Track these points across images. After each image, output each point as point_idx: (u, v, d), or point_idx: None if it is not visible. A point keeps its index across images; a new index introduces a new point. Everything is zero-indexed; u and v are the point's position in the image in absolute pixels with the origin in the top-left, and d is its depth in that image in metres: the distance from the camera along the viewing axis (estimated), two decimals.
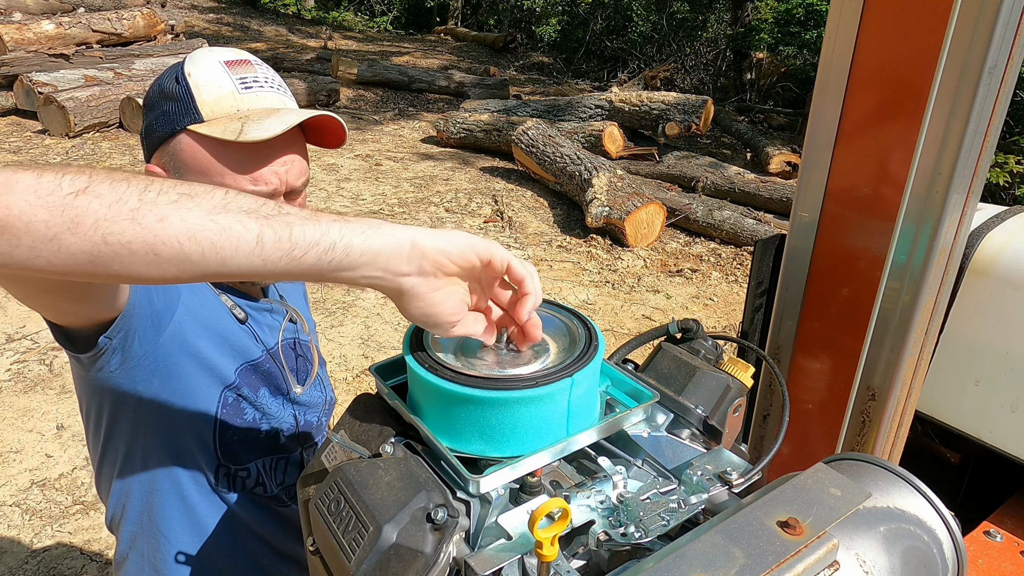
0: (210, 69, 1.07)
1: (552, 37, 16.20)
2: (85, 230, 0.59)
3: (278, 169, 1.07)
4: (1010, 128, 7.19)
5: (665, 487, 0.77)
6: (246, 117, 1.04)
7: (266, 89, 1.10)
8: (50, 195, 0.58)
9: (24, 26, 7.79)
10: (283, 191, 1.10)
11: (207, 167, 1.05)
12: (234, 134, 1.01)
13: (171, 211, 0.60)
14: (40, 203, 0.58)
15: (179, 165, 1.07)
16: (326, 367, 1.47)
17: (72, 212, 0.58)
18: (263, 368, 1.21)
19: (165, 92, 1.07)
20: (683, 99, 7.49)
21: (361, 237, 0.67)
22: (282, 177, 1.08)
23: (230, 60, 1.09)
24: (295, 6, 16.44)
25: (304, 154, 1.14)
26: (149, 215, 0.60)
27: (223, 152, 1.04)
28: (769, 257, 1.49)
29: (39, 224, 0.58)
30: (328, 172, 6.84)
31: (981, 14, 1.05)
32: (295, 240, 0.63)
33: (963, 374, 1.47)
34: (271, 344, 1.25)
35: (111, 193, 0.60)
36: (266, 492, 1.25)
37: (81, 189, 0.59)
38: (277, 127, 1.01)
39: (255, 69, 1.10)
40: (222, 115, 1.05)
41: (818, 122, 1.30)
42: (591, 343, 0.79)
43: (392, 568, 0.65)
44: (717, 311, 4.85)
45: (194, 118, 1.04)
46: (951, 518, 0.77)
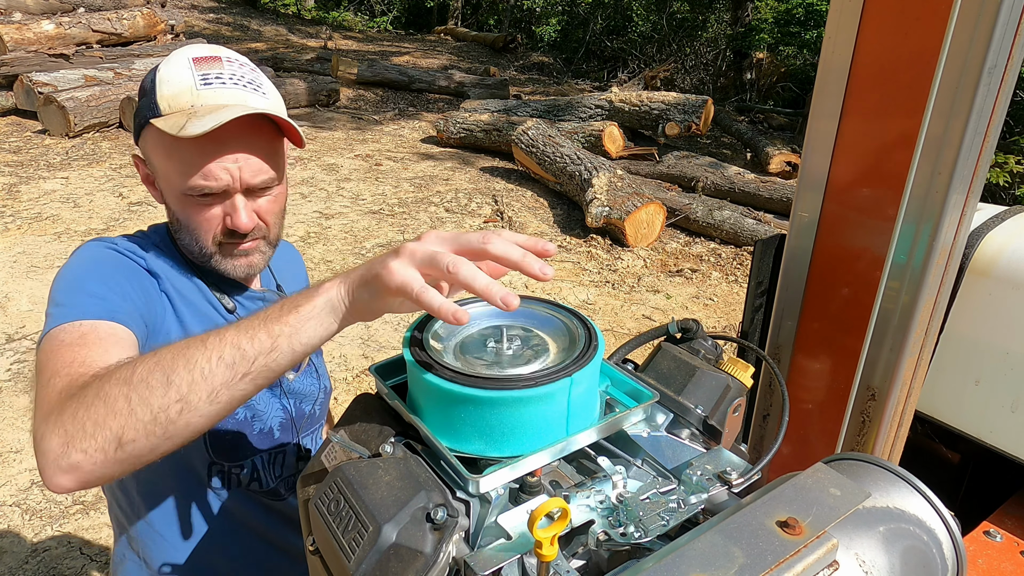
0: (177, 65, 1.08)
1: (552, 37, 16.20)
2: (148, 457, 0.79)
3: (228, 166, 1.07)
4: (1010, 128, 7.19)
5: (665, 487, 0.77)
6: (193, 113, 1.04)
7: (228, 86, 1.08)
8: (105, 459, 0.76)
9: (24, 26, 7.79)
10: (238, 188, 1.09)
11: (165, 162, 1.08)
12: (176, 129, 1.01)
13: (188, 418, 0.76)
14: (106, 464, 0.77)
15: (149, 156, 1.12)
16: (322, 356, 1.48)
17: (130, 460, 0.78)
18: None
19: (143, 85, 1.10)
20: (683, 99, 7.49)
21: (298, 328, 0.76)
22: (233, 174, 1.07)
23: (200, 56, 1.10)
24: (295, 6, 16.44)
25: (267, 152, 1.11)
26: (178, 430, 0.77)
27: (174, 147, 1.06)
28: (769, 257, 1.49)
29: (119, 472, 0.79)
30: (328, 172, 6.84)
31: (981, 14, 1.05)
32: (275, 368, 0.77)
33: (963, 374, 1.47)
34: None
35: (137, 434, 0.76)
36: (262, 487, 1.24)
37: (117, 444, 0.75)
38: (210, 123, 1.01)
39: (223, 66, 1.10)
40: (177, 110, 1.05)
41: (818, 122, 1.30)
42: (591, 343, 0.79)
43: (392, 568, 0.65)
44: (717, 311, 4.85)
45: (154, 112, 1.06)
46: (951, 518, 0.77)
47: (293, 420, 1.29)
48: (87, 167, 6.41)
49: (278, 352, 0.75)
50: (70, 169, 6.35)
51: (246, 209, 1.11)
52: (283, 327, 0.75)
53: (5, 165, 6.31)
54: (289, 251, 1.49)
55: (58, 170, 6.32)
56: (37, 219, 5.41)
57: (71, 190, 5.94)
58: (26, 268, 4.69)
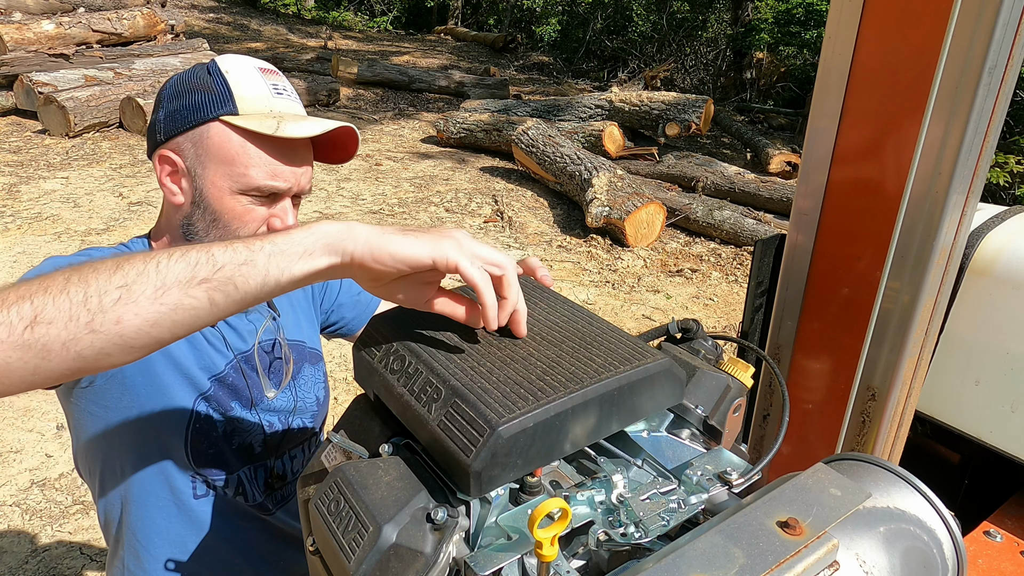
0: (246, 70, 1.13)
1: (552, 37, 16.20)
2: (57, 354, 0.64)
3: (296, 171, 1.13)
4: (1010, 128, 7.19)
5: (665, 487, 0.77)
6: (280, 117, 1.10)
7: (292, 99, 1.16)
8: (8, 338, 0.63)
9: (24, 26, 7.78)
10: (294, 191, 1.15)
11: (234, 156, 1.10)
12: (271, 129, 1.07)
13: (122, 311, 0.65)
14: (3, 348, 0.63)
15: (203, 152, 1.11)
16: (323, 364, 1.44)
17: (37, 346, 0.63)
18: (228, 381, 1.20)
19: (196, 83, 1.11)
20: (683, 99, 7.49)
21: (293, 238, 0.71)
22: (298, 179, 1.14)
23: (262, 67, 1.16)
24: (295, 6, 16.44)
25: (313, 165, 1.19)
26: (106, 323, 0.65)
27: (250, 145, 1.09)
28: (769, 257, 1.49)
29: (16, 363, 0.64)
30: (328, 172, 6.83)
31: (981, 14, 1.05)
32: (240, 286, 0.68)
33: (963, 374, 1.47)
34: (244, 348, 1.23)
35: (59, 313, 0.64)
36: (248, 501, 1.23)
37: (31, 321, 0.63)
38: (314, 129, 1.08)
39: (283, 80, 1.18)
40: (256, 112, 1.10)
41: (818, 122, 1.30)
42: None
43: (392, 568, 0.65)
44: (717, 311, 4.85)
45: (231, 109, 1.09)
46: (951, 518, 0.77)
47: (278, 436, 1.27)
48: (87, 167, 6.41)
49: (251, 267, 0.68)
50: (70, 169, 6.35)
51: (292, 213, 1.17)
52: (266, 243, 0.69)
53: (5, 165, 6.31)
54: None
55: (58, 170, 6.32)
56: (37, 219, 5.41)
57: (71, 190, 5.94)
58: (26, 268, 4.69)
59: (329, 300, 1.47)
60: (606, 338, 0.80)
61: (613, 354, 0.77)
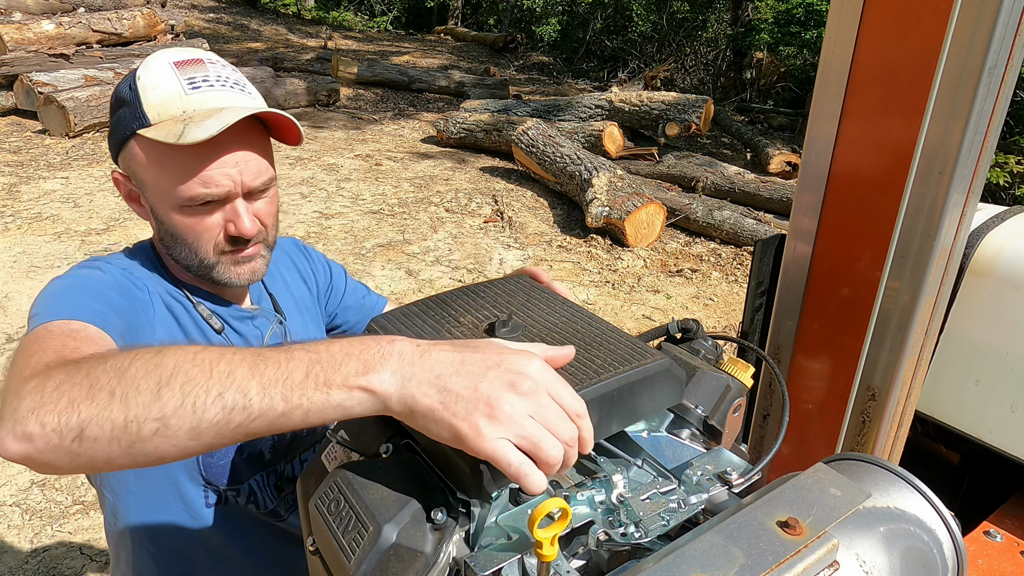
0: (159, 71, 1.04)
1: (552, 37, 16.20)
2: (100, 464, 0.68)
3: (229, 171, 1.04)
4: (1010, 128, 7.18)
5: (665, 487, 0.77)
6: (189, 119, 1.00)
7: (216, 88, 1.05)
8: (60, 444, 0.66)
9: (24, 26, 7.78)
10: (239, 192, 1.06)
11: (157, 174, 1.03)
12: (175, 136, 0.98)
13: (160, 442, 0.66)
14: (55, 451, 0.67)
15: (135, 172, 1.07)
16: None
17: (84, 457, 0.67)
18: None
19: (119, 97, 1.06)
20: (683, 99, 7.49)
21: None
22: (235, 178, 1.04)
23: (181, 60, 1.06)
24: (295, 6, 16.44)
25: (264, 153, 1.10)
26: (145, 450, 0.67)
27: (170, 156, 1.01)
28: (769, 257, 1.49)
29: (64, 465, 0.68)
30: (328, 172, 6.83)
31: (981, 14, 1.05)
32: (274, 429, 0.67)
33: (963, 374, 1.47)
34: None
35: (102, 432, 0.66)
36: (260, 508, 1.21)
37: (77, 434, 0.66)
38: (215, 126, 0.97)
39: (206, 68, 1.07)
40: (168, 118, 1.02)
41: (818, 122, 1.30)
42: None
43: (392, 568, 0.65)
44: (717, 311, 4.85)
45: (142, 122, 1.02)
46: (951, 518, 0.77)
47: (287, 441, 1.25)
48: (87, 167, 6.41)
49: (287, 420, 0.65)
50: (70, 169, 6.35)
51: (248, 214, 1.08)
52: (304, 400, 0.64)
53: (5, 165, 6.31)
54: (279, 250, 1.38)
55: (58, 170, 6.32)
56: (37, 219, 5.41)
57: (71, 190, 5.94)
58: (26, 268, 4.69)
59: (334, 302, 1.45)
60: (606, 338, 0.80)
61: (613, 354, 0.77)
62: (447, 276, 5.01)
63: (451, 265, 5.18)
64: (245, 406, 0.64)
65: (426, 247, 5.43)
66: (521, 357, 0.65)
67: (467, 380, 0.63)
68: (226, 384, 0.65)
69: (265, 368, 0.65)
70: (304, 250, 1.45)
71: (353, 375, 0.64)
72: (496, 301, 0.90)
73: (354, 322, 1.47)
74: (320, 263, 1.45)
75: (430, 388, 0.63)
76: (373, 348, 0.66)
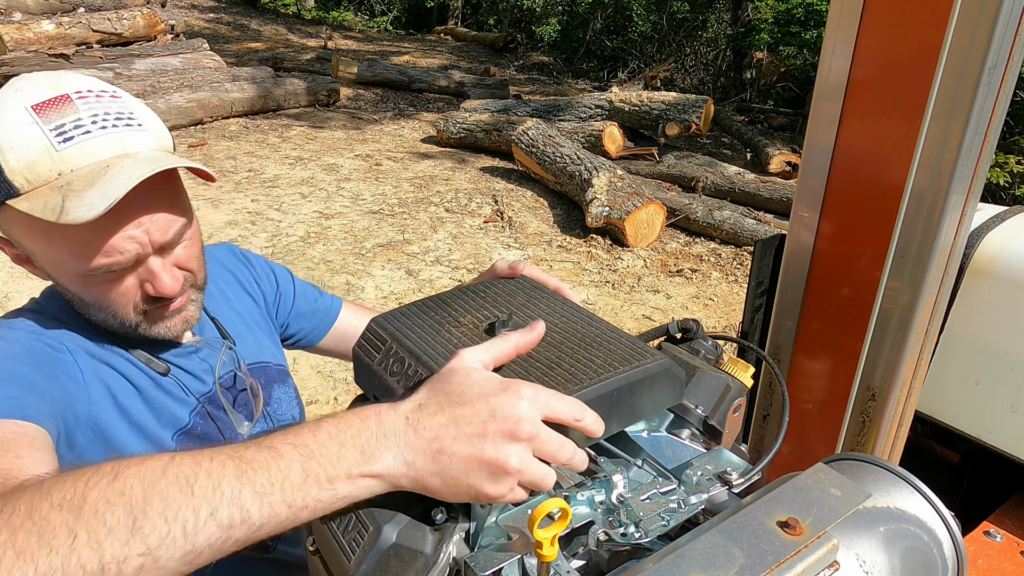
0: (16, 122, 0.84)
1: (552, 37, 16.20)
2: None
3: (132, 233, 0.89)
4: (1010, 128, 7.19)
5: (665, 487, 0.77)
6: (68, 186, 0.83)
7: (94, 133, 0.86)
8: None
9: (24, 26, 7.79)
10: (150, 252, 0.92)
11: (46, 247, 0.89)
12: (54, 214, 0.81)
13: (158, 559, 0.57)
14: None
15: (18, 241, 0.92)
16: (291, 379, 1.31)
17: None
18: (197, 431, 1.07)
19: None
20: (683, 99, 7.49)
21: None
22: (141, 240, 0.90)
23: (41, 102, 0.85)
24: (295, 6, 16.44)
25: (172, 200, 0.94)
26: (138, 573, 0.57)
27: (56, 231, 0.85)
28: (769, 257, 1.49)
29: None
30: (328, 172, 6.83)
31: (981, 14, 1.05)
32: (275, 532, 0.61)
33: (963, 374, 1.47)
34: (205, 390, 1.10)
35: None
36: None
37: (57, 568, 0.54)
38: (101, 204, 0.80)
39: (76, 108, 0.86)
40: (41, 183, 0.84)
41: (818, 122, 1.30)
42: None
43: (392, 568, 0.65)
44: (717, 311, 4.85)
45: (8, 192, 0.84)
46: (951, 518, 0.77)
47: None
48: None
49: (293, 521, 0.61)
50: None
51: (167, 271, 0.95)
52: (310, 500, 0.60)
53: None
54: (215, 263, 1.23)
55: None
56: None
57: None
58: None
59: (285, 311, 1.34)
60: (606, 338, 0.80)
61: (612, 354, 0.77)
62: (447, 276, 5.00)
63: (451, 265, 5.18)
64: (244, 519, 0.58)
65: (426, 247, 5.43)
66: (511, 398, 0.64)
67: (470, 446, 0.62)
68: (215, 500, 0.58)
69: (255, 474, 0.59)
70: (243, 258, 1.33)
71: (355, 466, 0.62)
72: (496, 301, 0.90)
73: (309, 329, 1.37)
74: (263, 270, 1.34)
75: (436, 466, 0.63)
76: (364, 432, 0.63)
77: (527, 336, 0.75)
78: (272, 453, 0.61)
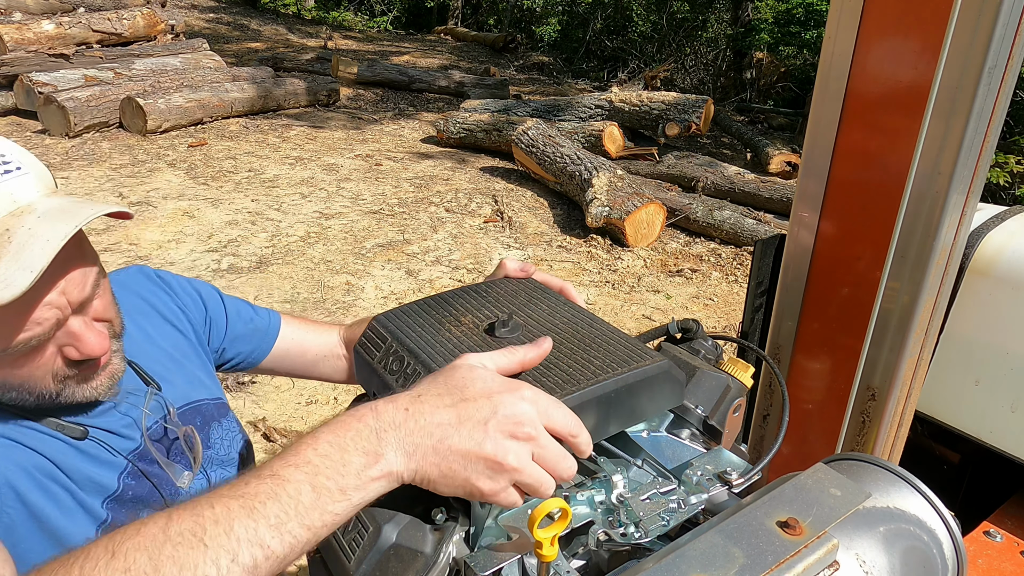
0: None
1: (552, 37, 16.19)
2: None
3: (51, 298, 0.80)
4: (1010, 128, 7.19)
5: (665, 487, 0.77)
6: None
7: None
8: None
9: (24, 26, 7.78)
10: (68, 314, 0.84)
11: None
12: None
13: None
14: None
15: None
16: (231, 412, 1.19)
17: None
18: (128, 495, 0.96)
19: None
20: (683, 99, 7.49)
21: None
22: (59, 304, 0.82)
23: None
24: (295, 6, 16.43)
25: (81, 251, 0.85)
26: None
27: None
28: (769, 257, 1.49)
29: None
30: (328, 172, 6.83)
31: (981, 14, 1.05)
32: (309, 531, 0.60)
33: (963, 374, 1.47)
34: (133, 446, 0.99)
35: None
36: None
37: None
38: (21, 279, 0.72)
39: None
40: None
41: (818, 122, 1.30)
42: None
43: (392, 568, 0.65)
44: (717, 311, 4.85)
45: None
46: (951, 518, 0.77)
47: None
48: (87, 167, 6.41)
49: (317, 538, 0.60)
50: (70, 169, 6.35)
51: (90, 331, 0.87)
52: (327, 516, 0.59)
53: None
54: (128, 293, 1.09)
55: (58, 170, 6.32)
56: None
57: (71, 190, 5.93)
58: None
59: (218, 337, 1.23)
60: (605, 339, 0.80)
61: (612, 355, 0.77)
62: (447, 276, 5.00)
63: (451, 265, 5.18)
64: (267, 555, 0.57)
65: (426, 247, 5.43)
66: (513, 397, 0.65)
67: (470, 440, 0.63)
68: (233, 546, 0.56)
69: (264, 507, 0.57)
70: (160, 282, 1.19)
71: (363, 470, 0.61)
72: (496, 301, 0.90)
73: (248, 351, 1.26)
74: (186, 293, 1.21)
75: (436, 457, 0.63)
76: (364, 431, 0.62)
77: (533, 352, 0.74)
78: (276, 481, 0.59)
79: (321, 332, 1.31)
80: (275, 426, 3.32)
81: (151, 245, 5.03)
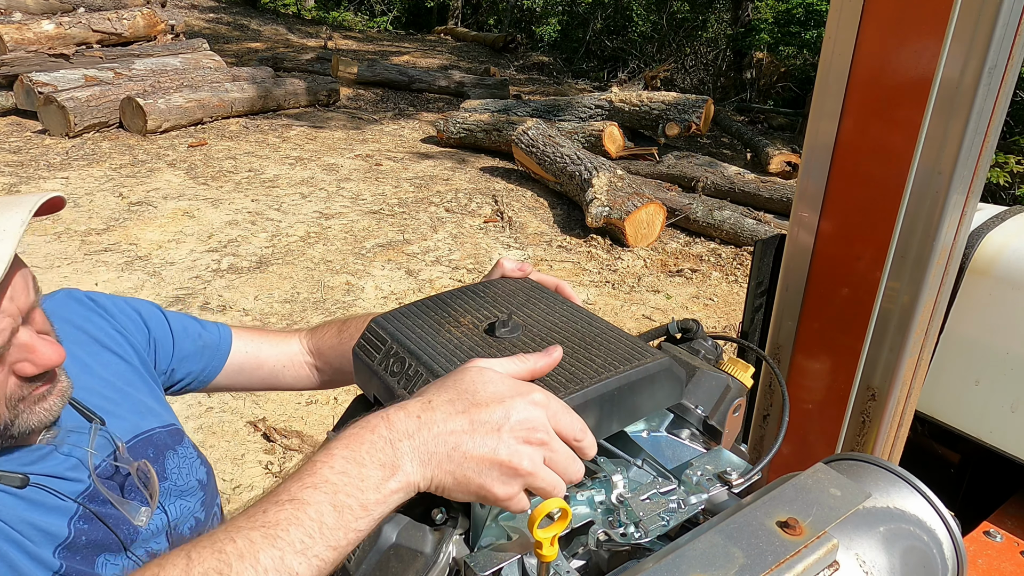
0: None
1: (552, 37, 16.19)
2: None
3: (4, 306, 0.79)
4: (1010, 128, 7.19)
5: (665, 487, 0.77)
6: None
7: None
8: None
9: (24, 26, 7.78)
10: (19, 323, 0.81)
11: None
12: None
13: None
14: None
15: None
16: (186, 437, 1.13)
17: None
18: (81, 541, 0.91)
19: None
20: (683, 99, 7.49)
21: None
22: (11, 312, 0.80)
23: None
24: (295, 6, 16.43)
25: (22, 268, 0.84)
26: None
27: None
28: (769, 257, 1.49)
29: None
30: (328, 172, 6.83)
31: (981, 14, 1.05)
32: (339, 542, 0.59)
33: (963, 374, 1.47)
34: (82, 488, 0.93)
35: None
36: None
37: None
38: None
39: None
40: None
41: (818, 122, 1.30)
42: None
43: (392, 568, 0.65)
44: (717, 311, 4.85)
45: None
46: (951, 518, 0.77)
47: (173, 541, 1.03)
48: (87, 167, 6.41)
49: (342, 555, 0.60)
50: (70, 169, 6.35)
51: (41, 341, 0.83)
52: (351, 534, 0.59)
53: (5, 165, 6.30)
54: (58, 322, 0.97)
55: (58, 170, 6.32)
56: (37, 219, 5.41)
57: (71, 190, 5.93)
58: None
59: (165, 358, 1.16)
60: (605, 338, 0.80)
61: (612, 354, 0.77)
62: (447, 276, 5.00)
63: (451, 265, 5.18)
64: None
65: (426, 247, 5.43)
66: (524, 402, 0.65)
67: (484, 446, 0.63)
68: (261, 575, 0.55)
69: (287, 533, 0.56)
70: (93, 305, 1.11)
71: (383, 483, 0.60)
72: (496, 301, 0.90)
73: (199, 371, 1.19)
74: (125, 315, 1.13)
75: (451, 464, 0.62)
76: (379, 443, 0.61)
77: (543, 360, 0.74)
78: (295, 505, 0.58)
79: (278, 342, 1.25)
80: (275, 426, 3.32)
81: (151, 245, 5.03)
